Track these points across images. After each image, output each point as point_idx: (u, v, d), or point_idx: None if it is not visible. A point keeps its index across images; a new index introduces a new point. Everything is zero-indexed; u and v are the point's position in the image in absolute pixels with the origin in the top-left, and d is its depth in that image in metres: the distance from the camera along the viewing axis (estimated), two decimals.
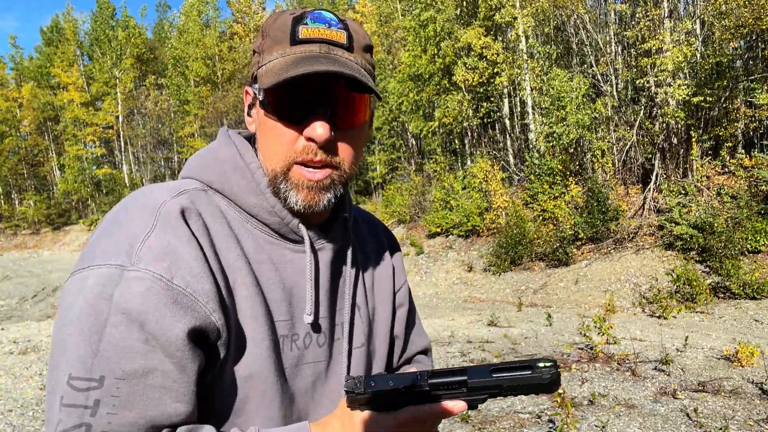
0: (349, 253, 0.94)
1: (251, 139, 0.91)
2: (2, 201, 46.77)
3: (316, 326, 0.88)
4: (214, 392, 0.78)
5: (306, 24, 0.78)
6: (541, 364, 0.70)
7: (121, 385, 0.67)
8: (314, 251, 0.88)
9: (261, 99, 0.80)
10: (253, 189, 0.83)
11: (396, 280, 1.08)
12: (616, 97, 17.24)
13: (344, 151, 0.81)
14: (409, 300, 1.12)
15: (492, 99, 21.29)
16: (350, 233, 0.95)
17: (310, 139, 0.78)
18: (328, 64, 0.75)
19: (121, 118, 39.03)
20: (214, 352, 0.76)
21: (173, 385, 0.70)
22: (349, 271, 0.94)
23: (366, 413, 0.73)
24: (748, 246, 11.79)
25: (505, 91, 20.81)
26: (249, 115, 0.87)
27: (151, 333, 0.68)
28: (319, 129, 0.76)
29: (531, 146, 18.69)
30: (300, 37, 0.77)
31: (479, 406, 0.77)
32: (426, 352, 1.16)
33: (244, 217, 0.84)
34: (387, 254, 1.08)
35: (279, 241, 0.86)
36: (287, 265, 0.86)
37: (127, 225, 0.74)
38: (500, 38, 20.28)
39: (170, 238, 0.73)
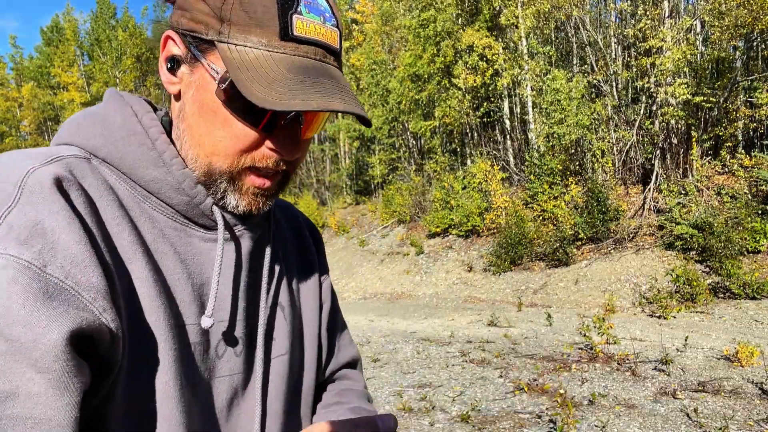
0: (270, 243, 0.79)
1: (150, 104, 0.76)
2: None
3: (224, 332, 0.71)
4: (104, 418, 0.58)
5: (300, 14, 0.63)
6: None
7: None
8: (233, 240, 0.73)
9: (223, 88, 0.63)
10: (153, 159, 0.66)
11: (321, 274, 0.93)
12: (616, 97, 17.24)
13: (297, 159, 0.72)
14: (332, 298, 0.95)
15: (492, 99, 21.30)
16: (272, 221, 0.81)
17: (274, 151, 0.67)
18: (341, 97, 0.62)
19: None
20: (104, 366, 0.57)
21: (45, 413, 0.50)
22: (268, 265, 0.78)
23: None
24: (748, 246, 11.79)
25: (505, 91, 20.82)
26: (173, 73, 0.68)
27: (16, 341, 0.49)
28: (291, 146, 0.67)
29: (531, 146, 18.69)
30: (294, 32, 0.62)
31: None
32: (354, 364, 1.00)
33: (140, 195, 0.66)
34: (310, 244, 0.93)
35: (185, 227, 0.69)
36: (196, 257, 0.69)
37: None
38: (501, 39, 20.30)
39: (41, 215, 0.54)
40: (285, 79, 0.60)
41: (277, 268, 0.82)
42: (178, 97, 0.69)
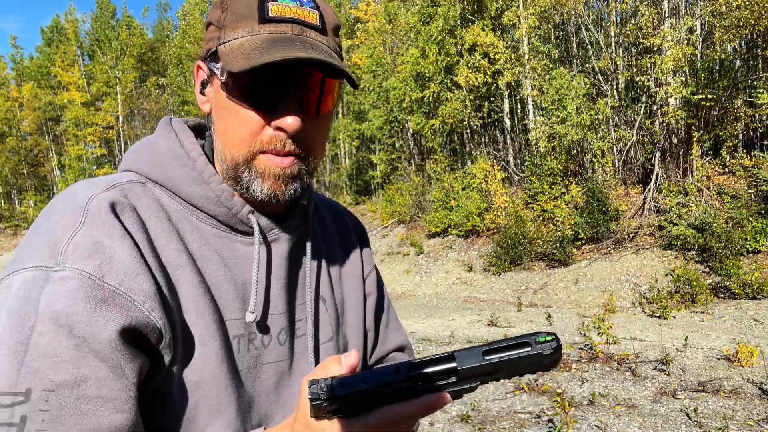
0: (309, 242, 0.88)
1: (200, 128, 0.86)
2: (2, 201, 46.79)
3: (268, 324, 0.81)
4: (161, 401, 0.70)
5: (276, 0, 0.72)
6: (541, 339, 0.61)
7: (50, 398, 0.60)
8: (267, 243, 0.82)
9: (223, 80, 0.73)
10: (194, 178, 0.77)
11: (364, 267, 1.01)
12: (616, 97, 17.25)
13: (312, 140, 0.77)
14: (379, 289, 1.04)
15: (493, 99, 21.30)
16: (310, 221, 0.89)
17: (279, 129, 0.73)
18: (307, 49, 0.70)
19: (121, 118, 39.05)
20: (157, 356, 0.69)
21: (110, 393, 0.63)
22: (309, 262, 0.87)
23: (328, 423, 0.63)
24: (748, 246, 11.79)
25: (506, 90, 20.83)
26: (202, 93, 0.79)
27: (81, 336, 0.61)
28: (291, 119, 0.72)
29: (531, 146, 18.70)
30: (270, 14, 0.71)
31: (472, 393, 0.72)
32: (403, 349, 1.07)
33: (188, 210, 0.77)
34: (354, 240, 1.01)
35: (229, 234, 0.79)
36: (239, 260, 0.79)
37: (52, 224, 0.67)
38: (504, 38, 20.32)
39: (100, 235, 0.66)
40: (260, 49, 0.69)
41: (317, 264, 0.91)
42: (210, 115, 0.80)
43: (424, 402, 0.61)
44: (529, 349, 0.61)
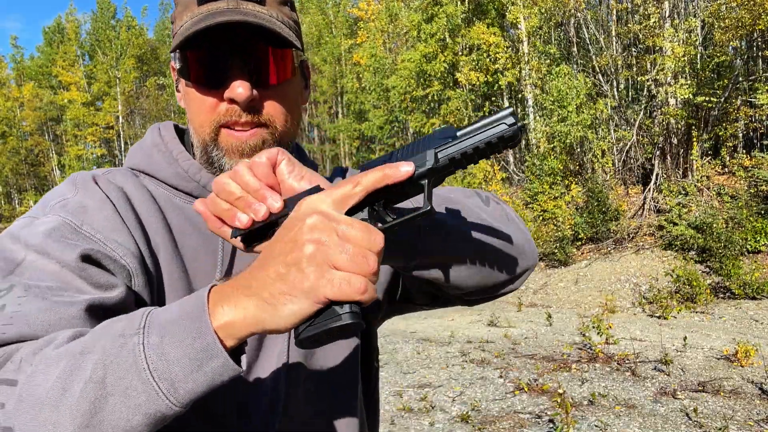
0: None
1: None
2: (2, 201, 46.79)
3: None
4: None
5: None
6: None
7: (31, 289, 0.65)
8: None
9: (178, 68, 0.79)
10: (168, 160, 0.83)
11: None
12: (616, 97, 17.24)
13: (272, 108, 0.78)
14: None
15: (493, 98, 21.30)
16: None
17: (232, 101, 0.75)
18: (232, 15, 0.73)
19: (121, 119, 39.05)
20: (137, 297, 0.74)
21: (94, 298, 0.68)
22: None
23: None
24: (748, 246, 11.79)
25: (507, 90, 20.82)
26: (178, 90, 0.85)
27: (58, 259, 0.67)
28: (239, 88, 0.74)
29: (531, 146, 18.70)
30: None
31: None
32: None
33: (171, 192, 0.83)
34: None
35: None
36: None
37: (49, 195, 0.79)
38: (505, 37, 20.33)
39: (85, 199, 0.76)
40: (192, 25, 0.74)
41: None
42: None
43: (383, 167, 0.58)
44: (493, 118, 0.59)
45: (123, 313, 0.61)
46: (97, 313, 0.65)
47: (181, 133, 0.91)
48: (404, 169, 0.57)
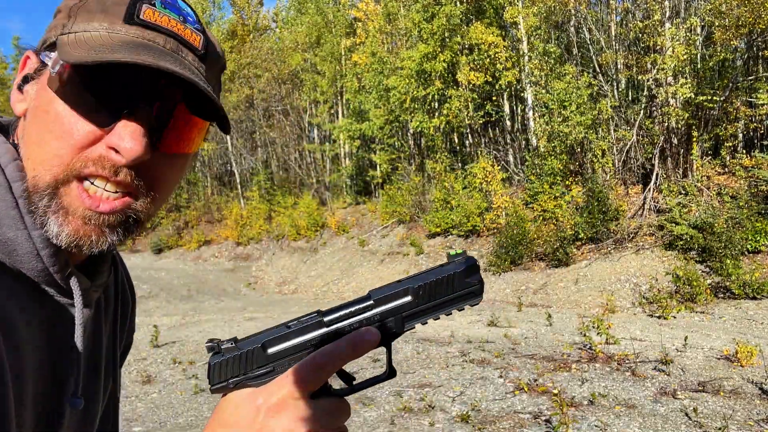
0: (105, 301, 0.74)
1: (10, 127, 0.65)
2: None
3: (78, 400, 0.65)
4: None
5: (153, 5, 0.59)
6: (452, 253, 0.61)
7: None
8: (86, 307, 0.64)
9: (53, 73, 0.57)
10: (8, 213, 0.57)
11: (129, 334, 0.87)
12: (616, 97, 17.25)
13: (159, 181, 0.60)
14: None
15: (494, 99, 21.30)
16: (114, 275, 0.75)
17: (113, 149, 0.56)
18: (178, 66, 0.56)
19: None
20: None
21: None
22: (104, 327, 0.74)
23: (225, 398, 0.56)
24: (748, 246, 11.79)
25: (507, 90, 20.83)
26: (20, 90, 0.62)
27: None
28: (131, 141, 0.55)
29: (532, 146, 18.71)
30: (141, 17, 0.58)
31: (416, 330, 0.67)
32: None
33: None
34: (128, 301, 0.84)
35: (42, 295, 0.60)
36: (57, 324, 0.62)
37: None
38: (506, 37, 20.35)
39: None
40: (113, 47, 0.55)
41: (111, 330, 0.77)
42: (24, 118, 0.62)
43: (348, 338, 0.58)
44: (440, 266, 0.61)
45: None
46: None
47: None
48: (368, 340, 0.59)
